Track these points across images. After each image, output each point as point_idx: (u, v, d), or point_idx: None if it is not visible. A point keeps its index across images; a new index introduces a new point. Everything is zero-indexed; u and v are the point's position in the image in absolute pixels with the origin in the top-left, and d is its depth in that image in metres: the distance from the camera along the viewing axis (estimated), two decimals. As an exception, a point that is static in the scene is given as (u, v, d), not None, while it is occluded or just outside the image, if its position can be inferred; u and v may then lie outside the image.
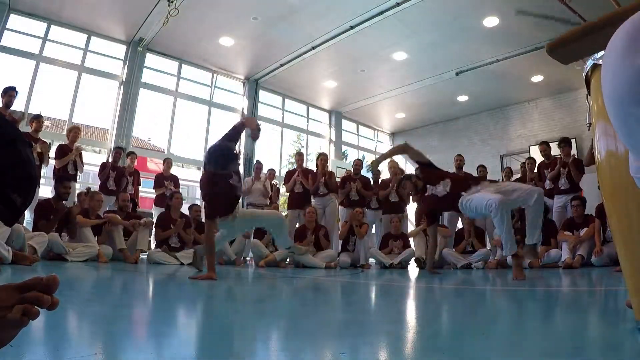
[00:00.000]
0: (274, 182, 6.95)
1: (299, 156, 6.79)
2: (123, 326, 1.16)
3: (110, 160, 6.28)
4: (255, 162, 7.13)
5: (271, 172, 6.92)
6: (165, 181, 6.45)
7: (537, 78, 8.70)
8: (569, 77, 8.12)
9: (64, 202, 4.66)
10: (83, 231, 4.66)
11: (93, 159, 8.14)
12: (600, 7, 1.28)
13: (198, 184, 7.64)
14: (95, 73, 7.77)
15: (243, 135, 9.98)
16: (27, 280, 0.57)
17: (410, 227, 6.64)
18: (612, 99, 0.49)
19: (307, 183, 6.38)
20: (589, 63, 1.13)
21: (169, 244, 5.19)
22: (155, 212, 6.29)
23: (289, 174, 6.69)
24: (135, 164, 6.58)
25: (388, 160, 6.14)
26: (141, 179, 6.82)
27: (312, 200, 6.55)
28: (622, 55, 0.46)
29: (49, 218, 4.41)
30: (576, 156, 6.95)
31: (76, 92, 7.51)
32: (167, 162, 6.72)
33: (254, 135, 3.43)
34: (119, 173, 6.05)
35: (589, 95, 1.16)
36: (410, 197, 4.92)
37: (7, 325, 0.53)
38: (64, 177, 4.95)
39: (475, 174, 6.96)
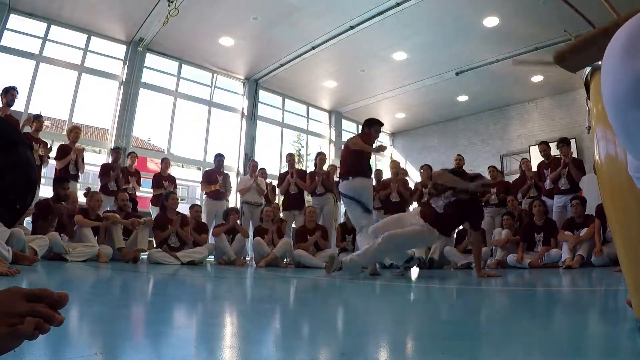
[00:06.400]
0: (268, 181, 6.95)
1: (290, 157, 6.76)
2: (123, 326, 1.16)
3: (110, 161, 6.27)
4: (250, 160, 7.11)
5: (262, 171, 6.91)
6: (164, 182, 6.46)
7: (537, 78, 8.70)
8: (569, 77, 8.10)
9: (63, 202, 4.66)
10: (83, 231, 4.65)
11: (93, 159, 8.15)
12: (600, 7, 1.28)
13: (199, 184, 7.61)
14: (95, 73, 7.77)
15: (243, 135, 10.00)
16: (36, 290, 0.56)
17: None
18: (611, 102, 0.48)
19: (303, 184, 6.39)
20: (588, 67, 1.13)
21: (168, 243, 5.19)
22: (153, 211, 6.30)
23: (282, 176, 6.70)
24: (136, 163, 6.59)
25: (390, 160, 6.15)
26: (141, 179, 6.82)
27: (310, 199, 6.57)
28: (621, 58, 0.46)
29: (47, 218, 4.42)
30: (576, 156, 6.96)
31: (76, 92, 7.51)
32: (165, 162, 6.72)
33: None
34: (119, 173, 6.04)
35: (589, 99, 1.16)
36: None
37: (18, 335, 0.53)
38: (63, 178, 4.95)
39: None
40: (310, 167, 9.21)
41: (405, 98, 10.13)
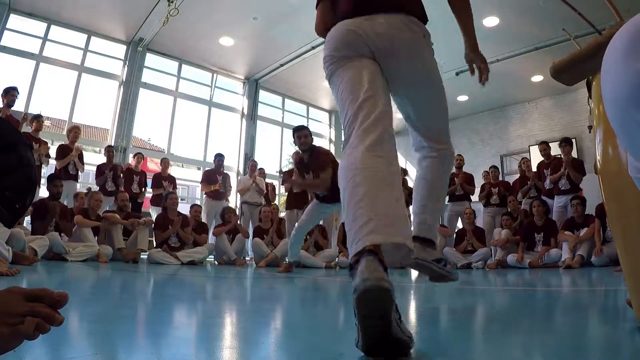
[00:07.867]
0: (268, 181, 6.95)
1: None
2: (123, 326, 1.16)
3: (105, 161, 6.24)
4: (250, 160, 7.10)
5: (261, 171, 6.90)
6: (164, 182, 6.46)
7: (537, 78, 8.69)
8: (569, 77, 8.11)
9: (60, 201, 4.67)
10: (83, 231, 4.66)
11: (93, 159, 8.14)
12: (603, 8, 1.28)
13: (198, 184, 7.61)
14: (95, 73, 7.77)
15: (243, 135, 9.99)
16: (36, 289, 0.56)
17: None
18: (612, 102, 0.48)
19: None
20: None
21: (168, 244, 5.19)
22: (153, 211, 6.29)
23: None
24: (141, 164, 6.60)
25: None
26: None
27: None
28: (622, 58, 0.46)
29: (44, 218, 4.42)
30: (576, 156, 6.95)
31: (76, 92, 7.51)
32: (165, 162, 6.72)
33: None
34: (116, 172, 6.03)
35: (590, 98, 1.16)
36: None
37: (18, 336, 0.53)
38: (55, 176, 4.95)
39: (476, 174, 6.97)
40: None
41: (405, 98, 10.12)
